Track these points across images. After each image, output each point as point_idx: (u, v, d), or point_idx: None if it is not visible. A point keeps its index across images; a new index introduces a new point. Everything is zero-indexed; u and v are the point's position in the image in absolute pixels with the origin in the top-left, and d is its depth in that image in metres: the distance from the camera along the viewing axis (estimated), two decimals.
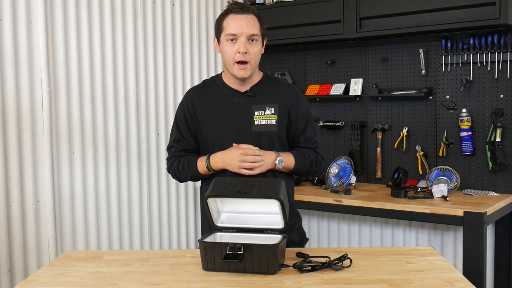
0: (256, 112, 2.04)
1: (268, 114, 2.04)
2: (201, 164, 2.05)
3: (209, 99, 2.10)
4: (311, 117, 2.16)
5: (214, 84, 2.13)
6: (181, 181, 2.21)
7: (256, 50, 2.00)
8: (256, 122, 2.04)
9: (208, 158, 2.04)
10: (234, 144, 2.00)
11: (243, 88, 2.07)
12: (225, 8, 2.03)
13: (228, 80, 2.09)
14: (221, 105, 2.07)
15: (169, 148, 2.17)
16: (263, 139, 2.04)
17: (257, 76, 2.10)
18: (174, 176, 2.16)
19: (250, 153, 1.95)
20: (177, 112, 2.16)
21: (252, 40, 1.98)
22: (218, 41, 2.05)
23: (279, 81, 2.20)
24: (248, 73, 2.00)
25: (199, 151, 2.13)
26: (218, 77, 2.15)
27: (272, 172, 2.04)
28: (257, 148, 1.99)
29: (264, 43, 2.07)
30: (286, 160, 2.05)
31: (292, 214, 2.14)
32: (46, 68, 3.00)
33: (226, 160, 1.98)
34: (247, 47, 1.96)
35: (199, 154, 2.12)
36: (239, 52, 1.96)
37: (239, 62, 1.98)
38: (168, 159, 2.18)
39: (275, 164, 2.01)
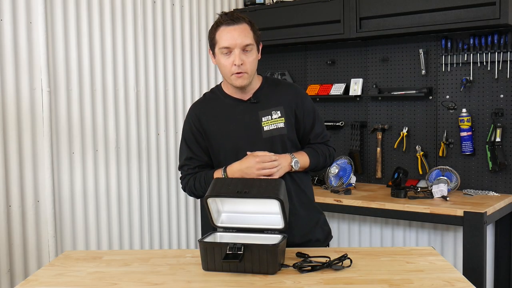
0: (263, 118, 2.03)
1: (275, 118, 2.04)
2: (218, 177, 2.03)
3: (214, 112, 2.08)
4: (317, 112, 2.15)
5: (216, 96, 2.12)
6: (198, 197, 2.17)
7: (252, 59, 1.97)
8: (266, 128, 2.03)
9: (224, 171, 2.01)
10: (248, 153, 1.98)
11: (245, 96, 2.06)
12: (216, 20, 1.99)
13: (229, 90, 2.07)
14: (228, 116, 2.06)
15: (181, 167, 2.14)
16: (275, 144, 2.03)
17: (257, 82, 2.08)
18: (192, 194, 2.13)
19: (267, 159, 1.94)
20: (184, 130, 2.13)
21: (247, 50, 1.96)
22: (213, 53, 2.02)
23: (279, 83, 2.18)
24: (245, 81, 1.99)
25: (212, 165, 2.11)
26: (219, 88, 2.13)
27: (289, 173, 2.03)
28: (272, 153, 1.98)
29: (260, 48, 2.05)
30: (302, 160, 2.04)
31: (313, 210, 2.15)
32: (46, 68, 3.00)
33: (244, 170, 1.96)
34: (242, 58, 1.94)
35: (213, 168, 2.10)
36: (235, 64, 1.94)
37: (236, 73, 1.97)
38: (182, 178, 2.15)
39: (292, 166, 2.01)
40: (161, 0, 3.67)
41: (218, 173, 2.03)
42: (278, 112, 2.04)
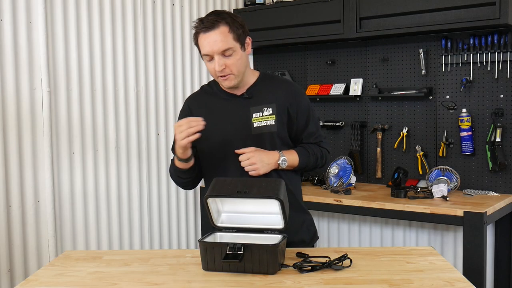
0: (254, 114, 2.02)
1: (266, 115, 2.02)
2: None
3: (207, 105, 2.08)
4: (312, 111, 2.12)
5: (211, 90, 2.12)
6: (179, 184, 2.16)
7: (235, 60, 1.94)
8: (255, 124, 2.01)
9: (173, 150, 2.02)
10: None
11: (239, 92, 2.05)
12: (194, 27, 1.97)
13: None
14: (219, 110, 2.06)
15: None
16: (264, 141, 2.02)
17: (252, 77, 2.07)
18: (174, 180, 2.14)
19: (183, 122, 1.88)
20: (178, 120, 2.15)
21: (227, 55, 1.93)
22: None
23: (275, 79, 2.16)
24: (233, 82, 1.98)
25: (197, 156, 2.09)
26: (215, 81, 2.12)
27: (276, 172, 2.02)
28: (258, 148, 1.98)
29: (248, 42, 2.01)
30: (290, 159, 2.03)
31: (299, 210, 2.12)
32: (46, 68, 3.00)
33: (175, 140, 1.94)
34: (223, 62, 1.92)
35: (197, 159, 2.08)
36: (217, 70, 1.94)
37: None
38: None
39: (279, 164, 2.00)
40: (161, 0, 3.67)
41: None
42: (270, 109, 2.02)
